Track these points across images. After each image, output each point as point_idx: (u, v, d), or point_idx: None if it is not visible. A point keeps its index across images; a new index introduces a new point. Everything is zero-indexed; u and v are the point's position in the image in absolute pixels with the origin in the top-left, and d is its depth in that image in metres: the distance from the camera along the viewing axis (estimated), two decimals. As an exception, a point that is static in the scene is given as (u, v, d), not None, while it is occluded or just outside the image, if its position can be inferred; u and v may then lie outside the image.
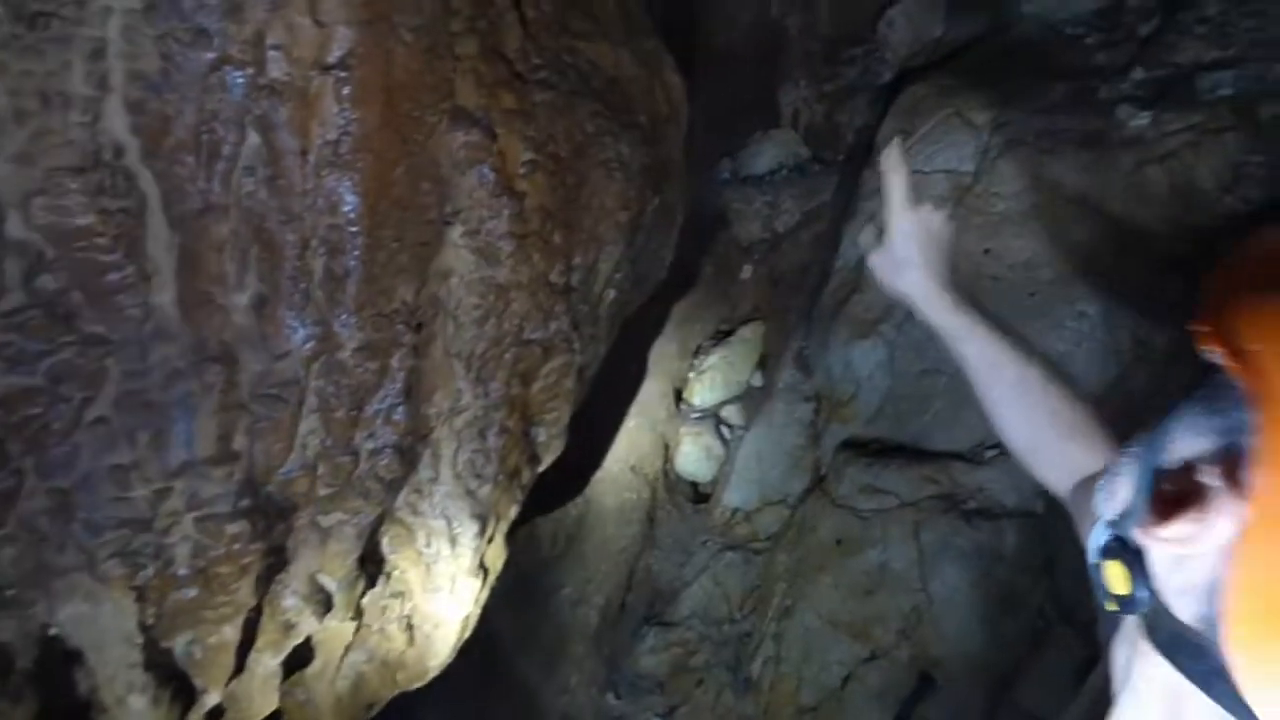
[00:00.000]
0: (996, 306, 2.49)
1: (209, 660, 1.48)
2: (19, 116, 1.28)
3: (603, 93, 1.97)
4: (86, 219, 1.32)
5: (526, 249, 1.74)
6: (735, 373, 3.27)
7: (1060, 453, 0.81)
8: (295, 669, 1.70)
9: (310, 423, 1.51)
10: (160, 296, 1.38)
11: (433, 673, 1.89)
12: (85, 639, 1.40)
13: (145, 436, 1.39)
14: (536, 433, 1.90)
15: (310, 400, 1.51)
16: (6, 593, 1.34)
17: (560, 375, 1.88)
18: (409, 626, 1.83)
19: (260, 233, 1.43)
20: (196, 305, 1.40)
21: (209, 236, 1.40)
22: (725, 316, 3.38)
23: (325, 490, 1.55)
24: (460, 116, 1.62)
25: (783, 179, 3.44)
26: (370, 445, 1.58)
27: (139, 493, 1.39)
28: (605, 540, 2.97)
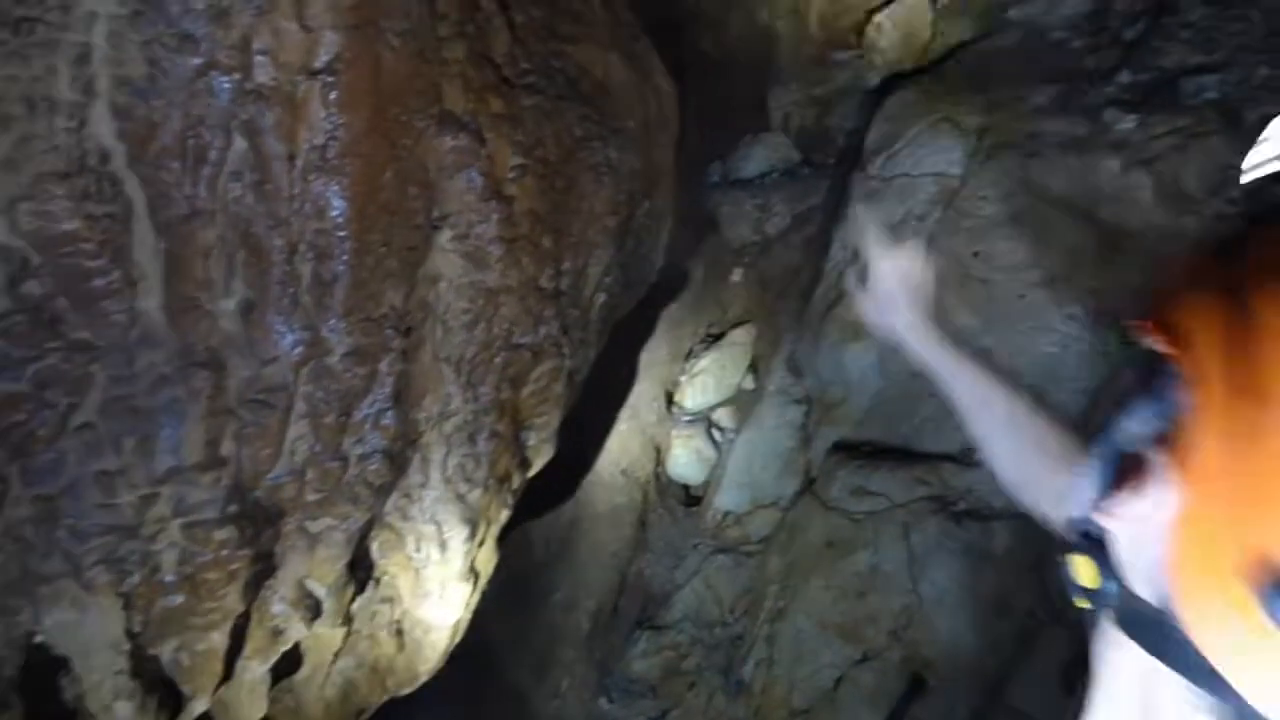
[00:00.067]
0: (985, 309, 2.51)
1: (196, 667, 1.47)
2: (4, 122, 1.28)
3: (591, 97, 1.97)
4: (72, 224, 1.32)
5: (516, 253, 1.74)
6: (726, 376, 3.27)
7: (1050, 485, 0.82)
8: (284, 675, 1.69)
9: (299, 428, 1.51)
10: (146, 302, 1.38)
11: (423, 678, 1.89)
12: (71, 646, 1.39)
13: (131, 442, 1.39)
14: (526, 437, 1.90)
15: (299, 405, 1.50)
16: (-9, 600, 1.34)
17: (550, 379, 1.88)
18: (399, 632, 1.82)
19: (247, 238, 1.43)
20: (183, 311, 1.40)
21: (195, 242, 1.40)
22: (716, 320, 3.39)
23: (314, 496, 1.55)
24: (448, 121, 1.62)
25: (773, 182, 3.45)
26: (359, 450, 1.58)
27: (125, 499, 1.38)
28: (596, 544, 2.97)
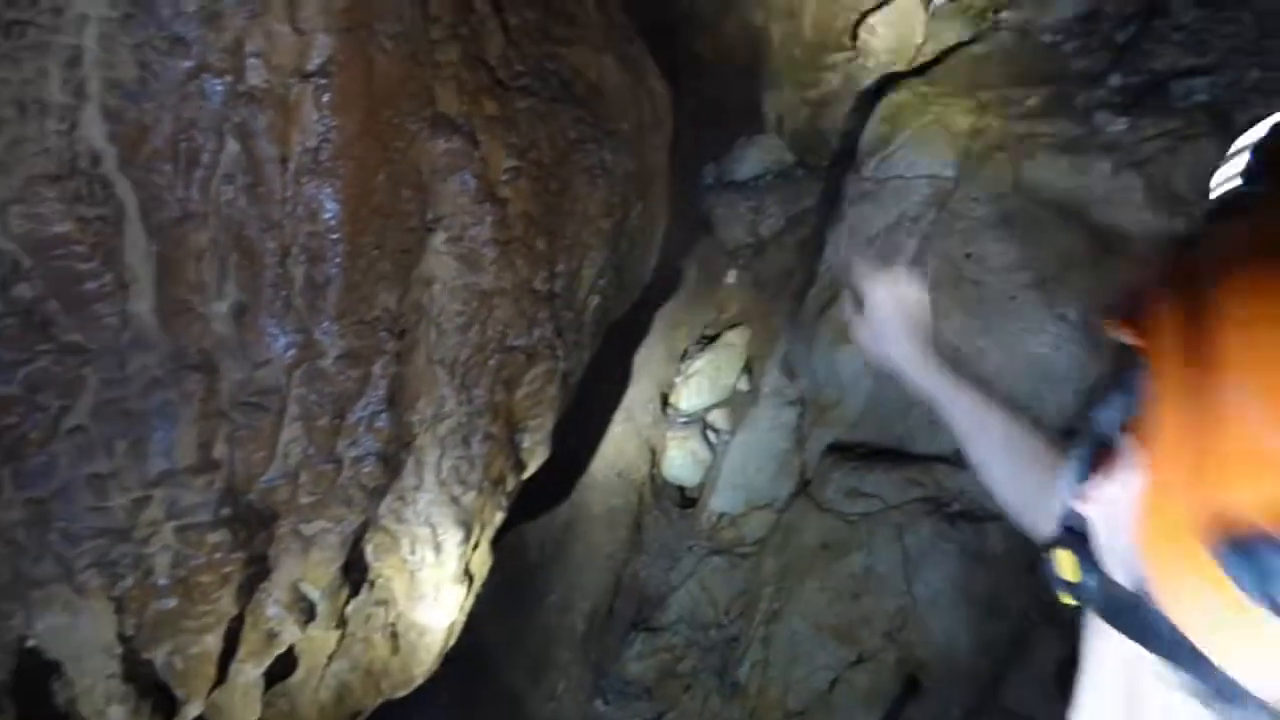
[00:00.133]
0: (977, 310, 2.52)
1: (190, 670, 1.47)
2: (-5, 124, 1.28)
3: (585, 99, 1.97)
4: (64, 227, 1.32)
5: (509, 255, 1.74)
6: (721, 377, 3.28)
7: (1046, 502, 0.81)
8: (278, 678, 1.69)
9: (292, 430, 1.51)
10: (138, 305, 1.38)
11: (417, 681, 1.89)
12: (64, 650, 1.39)
13: (124, 445, 1.38)
14: (521, 439, 1.90)
15: (292, 408, 1.50)
16: (-17, 604, 1.33)
17: (544, 382, 1.88)
18: (393, 635, 1.82)
19: (240, 240, 1.42)
20: (175, 313, 1.40)
21: (188, 244, 1.39)
22: (710, 321, 3.39)
23: (307, 498, 1.55)
24: (442, 123, 1.62)
25: (767, 184, 3.45)
26: (353, 453, 1.58)
27: (117, 502, 1.38)
28: (592, 546, 2.97)
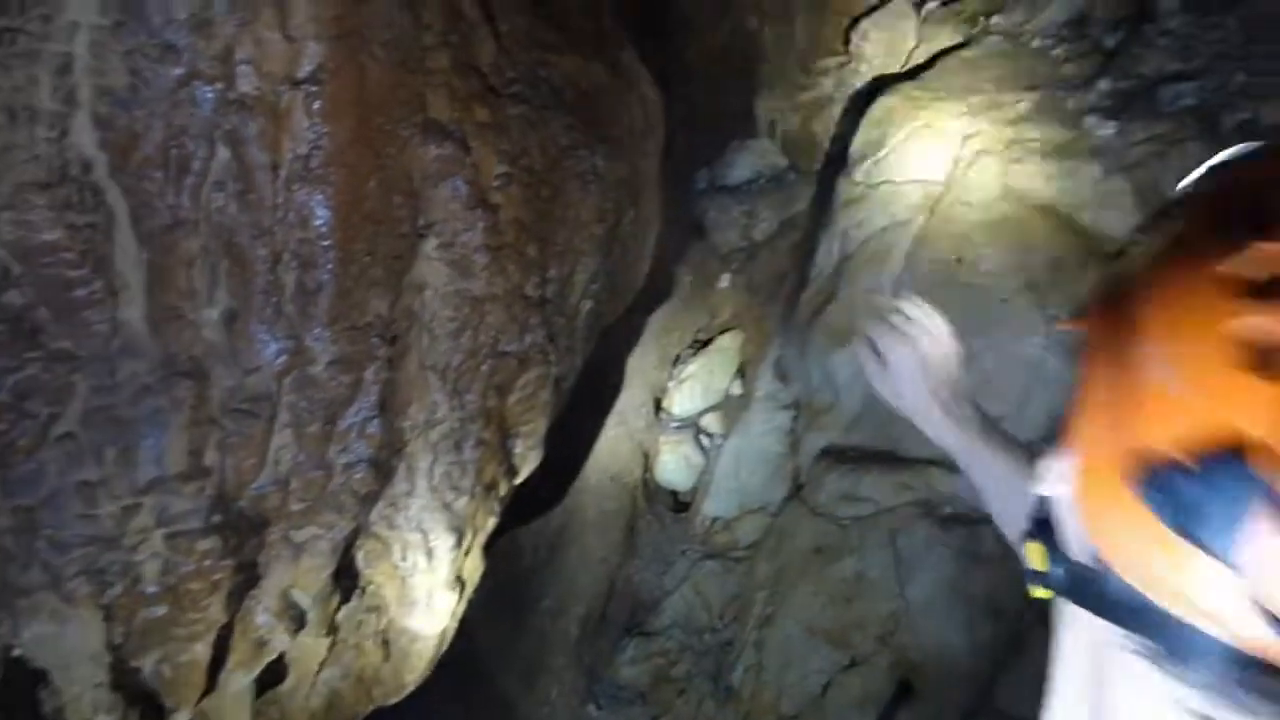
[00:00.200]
0: (969, 314, 2.53)
1: (179, 679, 1.46)
2: (-16, 132, 1.28)
3: (577, 105, 1.98)
4: (53, 234, 1.31)
5: (501, 261, 1.74)
6: (714, 381, 3.28)
7: None
8: (268, 686, 1.68)
9: (283, 437, 1.50)
10: (128, 312, 1.37)
11: (409, 688, 1.88)
12: (51, 659, 1.38)
13: (113, 453, 1.38)
14: (513, 444, 1.90)
15: (283, 415, 1.50)
16: (-29, 613, 1.33)
17: (536, 387, 1.88)
18: (385, 641, 1.81)
19: (230, 247, 1.42)
20: (166, 320, 1.40)
21: (178, 251, 1.39)
22: (703, 325, 3.40)
23: (298, 505, 1.54)
24: (433, 130, 1.62)
25: (760, 188, 3.47)
26: (344, 459, 1.58)
27: (107, 509, 1.37)
28: (585, 551, 2.97)
